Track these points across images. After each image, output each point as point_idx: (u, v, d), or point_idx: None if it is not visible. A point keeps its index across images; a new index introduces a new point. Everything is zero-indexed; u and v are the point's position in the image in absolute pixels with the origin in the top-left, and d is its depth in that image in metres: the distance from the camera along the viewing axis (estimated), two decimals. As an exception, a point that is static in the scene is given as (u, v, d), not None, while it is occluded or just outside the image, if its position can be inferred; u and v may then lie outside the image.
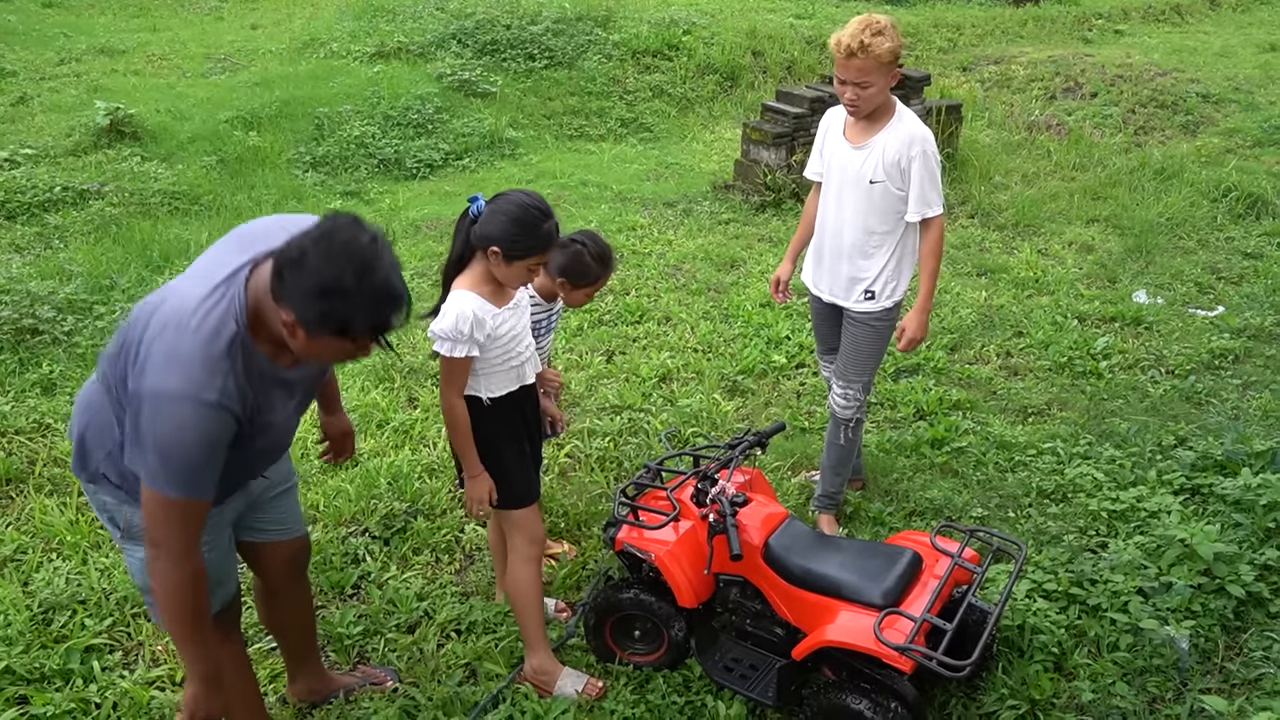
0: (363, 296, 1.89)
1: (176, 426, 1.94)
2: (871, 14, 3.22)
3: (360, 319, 1.91)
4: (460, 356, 2.69)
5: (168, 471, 1.97)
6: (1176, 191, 7.65)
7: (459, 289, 2.72)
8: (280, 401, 2.17)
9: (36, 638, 3.15)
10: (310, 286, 1.88)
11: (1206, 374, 5.05)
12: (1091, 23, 13.83)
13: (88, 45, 11.38)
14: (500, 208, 2.65)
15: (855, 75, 3.17)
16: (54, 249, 6.39)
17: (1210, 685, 2.99)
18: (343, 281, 1.86)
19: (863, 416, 3.70)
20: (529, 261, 2.67)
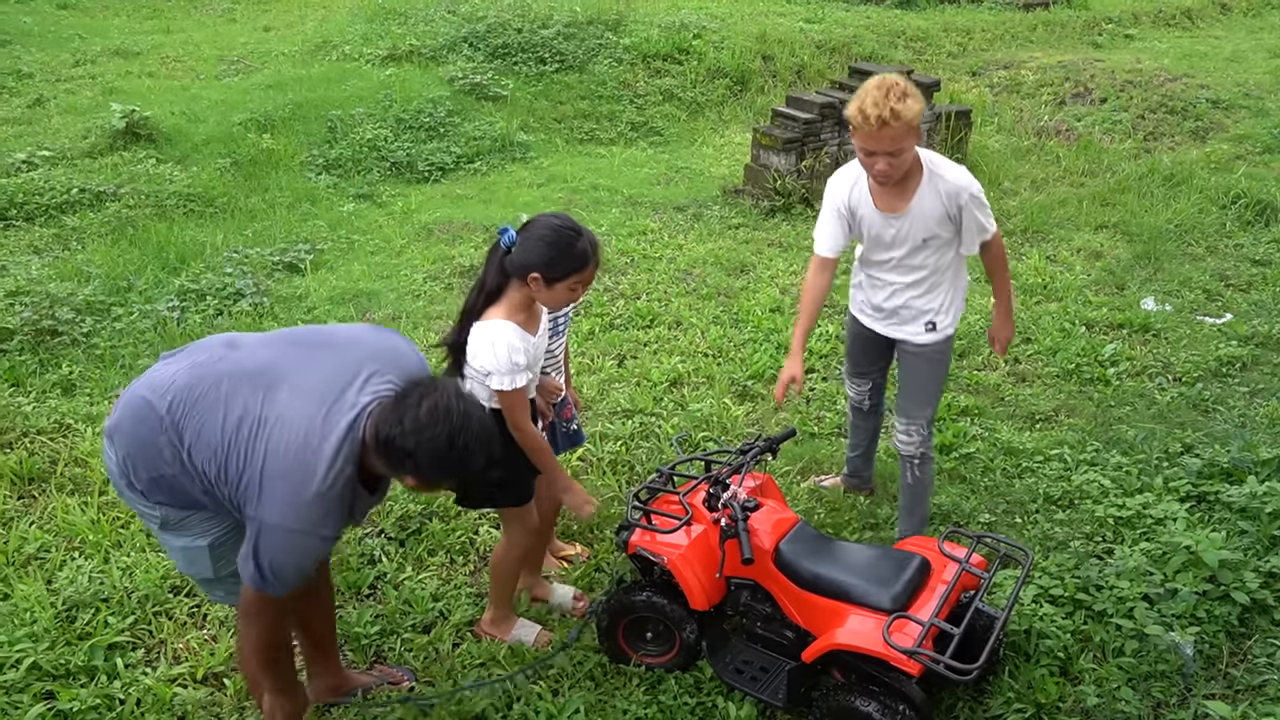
0: (468, 448, 2.25)
1: (298, 556, 2.30)
2: (885, 76, 3.04)
3: (466, 469, 2.29)
4: (521, 386, 2.81)
5: (279, 582, 2.32)
6: (1185, 198, 7.67)
7: (494, 319, 2.81)
8: (371, 506, 2.53)
9: (61, 635, 3.21)
10: (435, 453, 2.23)
11: (1214, 381, 5.08)
12: (1101, 27, 13.85)
13: (102, 47, 11.48)
14: (534, 234, 2.75)
15: (889, 145, 2.98)
16: (72, 250, 6.47)
17: (1215, 691, 3.03)
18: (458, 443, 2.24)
19: (929, 452, 3.59)
20: (569, 282, 2.79)
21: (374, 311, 5.82)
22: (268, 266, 6.33)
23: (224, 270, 6.11)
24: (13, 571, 3.52)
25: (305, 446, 2.23)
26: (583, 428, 3.69)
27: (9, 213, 6.89)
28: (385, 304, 5.92)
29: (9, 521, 3.81)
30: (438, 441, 2.20)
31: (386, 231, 7.18)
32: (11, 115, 9.09)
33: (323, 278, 6.29)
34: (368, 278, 6.31)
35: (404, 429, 2.20)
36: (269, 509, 2.23)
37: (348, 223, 7.32)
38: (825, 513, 3.95)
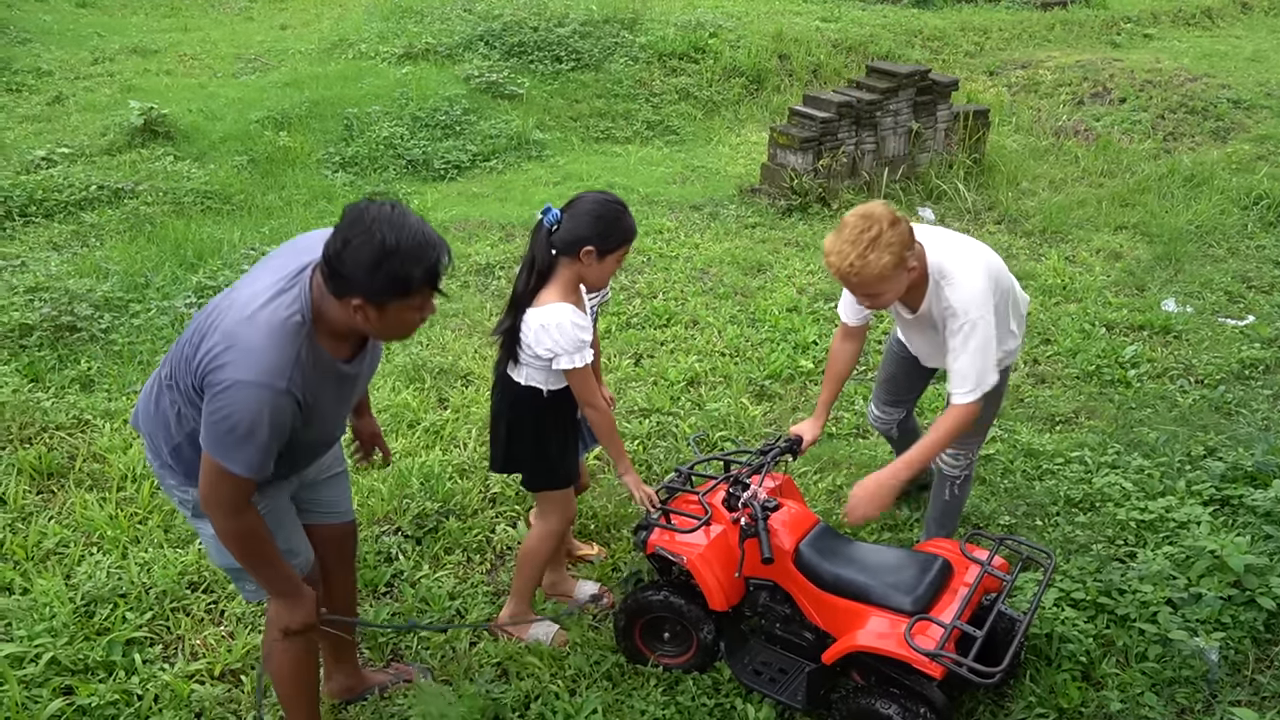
0: (409, 250, 2.08)
1: (252, 412, 2.11)
2: (867, 212, 2.72)
3: (416, 271, 2.10)
4: (586, 364, 2.84)
5: (238, 449, 2.15)
6: (1206, 199, 7.60)
7: (550, 302, 2.83)
8: (333, 394, 2.33)
9: (80, 630, 3.22)
10: (364, 262, 2.07)
11: (1236, 384, 5.02)
12: (1120, 26, 13.74)
13: (121, 45, 11.54)
14: (581, 209, 2.82)
15: (861, 291, 2.80)
16: (90, 247, 6.50)
17: (1240, 698, 2.99)
18: (387, 244, 2.06)
19: (972, 474, 3.48)
20: (619, 253, 2.86)
21: (390, 309, 5.82)
22: (284, 264, 6.34)
23: (241, 267, 6.11)
24: (32, 566, 3.53)
25: (252, 304, 2.17)
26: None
27: (29, 209, 6.93)
28: (401, 302, 5.91)
29: (28, 516, 3.83)
30: (368, 244, 2.06)
31: (402, 229, 7.18)
32: (31, 113, 9.15)
33: (339, 275, 6.29)
34: (384, 275, 6.30)
35: (335, 245, 2.10)
36: (226, 370, 2.12)
37: (364, 220, 7.32)
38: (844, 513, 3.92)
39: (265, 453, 2.18)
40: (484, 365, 5.04)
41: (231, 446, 2.15)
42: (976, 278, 2.84)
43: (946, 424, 2.89)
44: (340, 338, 2.26)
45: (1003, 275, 3.06)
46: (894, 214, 2.73)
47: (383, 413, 4.58)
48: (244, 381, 2.11)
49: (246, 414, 2.11)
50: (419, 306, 2.20)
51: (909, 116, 7.92)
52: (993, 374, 2.85)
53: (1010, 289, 3.13)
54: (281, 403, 2.14)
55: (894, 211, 2.75)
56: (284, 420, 2.17)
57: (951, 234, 3.07)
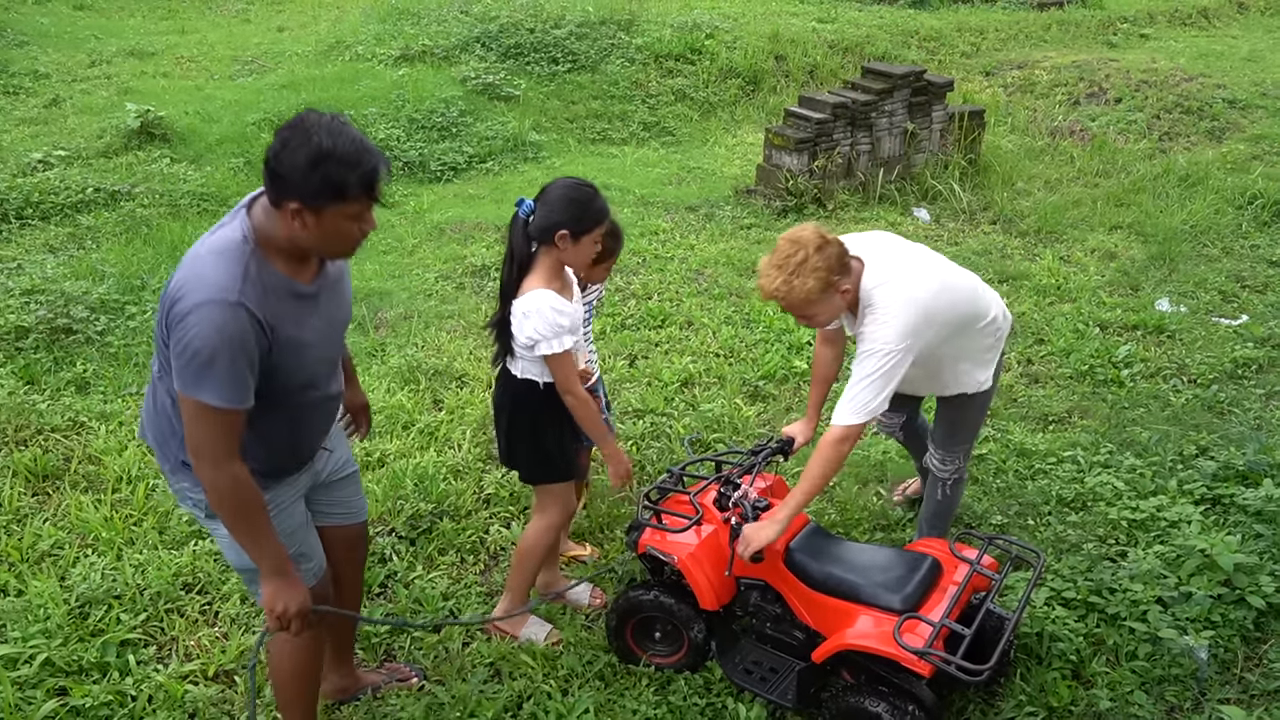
0: (345, 154, 2.07)
1: (208, 330, 2.07)
2: (795, 236, 2.75)
3: (352, 176, 2.09)
4: (566, 349, 2.86)
5: (205, 376, 2.09)
6: (1201, 198, 7.61)
7: (531, 289, 2.86)
8: (305, 316, 2.28)
9: (74, 631, 3.23)
10: (301, 164, 2.06)
11: (1229, 383, 5.04)
12: (1116, 27, 13.76)
13: (118, 47, 11.55)
14: (553, 195, 2.85)
15: (792, 313, 2.87)
16: (86, 249, 6.51)
17: (1229, 696, 3.01)
18: (323, 147, 2.06)
19: (964, 475, 3.46)
20: (594, 235, 2.87)
21: (386, 310, 5.83)
22: (280, 266, 6.35)
23: (237, 269, 6.12)
24: (26, 568, 3.54)
25: (195, 246, 2.20)
26: (612, 419, 3.69)
27: (25, 212, 6.94)
28: (397, 303, 5.93)
29: (23, 518, 3.84)
30: (304, 146, 2.05)
31: (399, 231, 7.20)
32: (28, 115, 9.16)
33: (335, 277, 6.30)
34: (379, 277, 6.32)
35: (274, 148, 2.10)
36: (180, 304, 2.10)
37: (360, 222, 7.34)
38: (836, 513, 3.94)
39: (234, 376, 2.11)
40: (479, 366, 5.05)
41: (198, 374, 2.09)
42: (899, 318, 2.77)
43: (820, 449, 2.84)
44: (292, 258, 2.23)
45: (952, 309, 2.93)
46: (823, 238, 2.74)
47: (378, 414, 4.59)
48: (197, 303, 2.08)
49: (203, 334, 2.07)
50: (356, 215, 2.16)
51: (904, 117, 7.93)
52: (881, 404, 2.80)
53: (965, 322, 3.01)
54: (236, 316, 2.09)
55: (824, 235, 2.76)
56: (244, 337, 2.11)
57: (903, 256, 2.96)
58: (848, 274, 2.81)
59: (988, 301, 3.12)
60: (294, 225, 2.13)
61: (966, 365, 3.13)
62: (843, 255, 2.79)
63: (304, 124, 2.08)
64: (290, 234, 2.16)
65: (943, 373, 3.16)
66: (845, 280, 2.80)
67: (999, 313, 3.17)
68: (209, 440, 2.17)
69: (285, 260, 2.22)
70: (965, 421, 3.33)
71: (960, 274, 3.11)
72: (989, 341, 3.14)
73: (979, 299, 3.08)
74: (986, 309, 3.09)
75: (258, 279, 2.15)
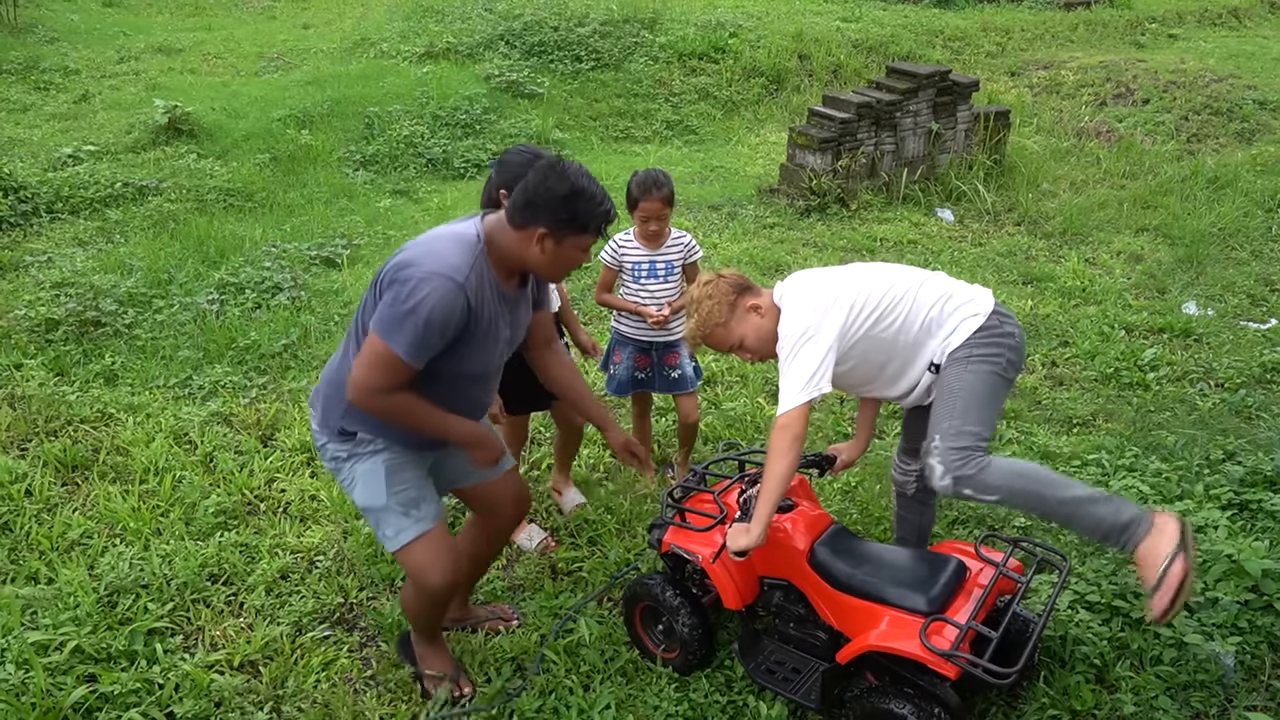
0: (593, 195, 2.49)
1: (429, 293, 2.40)
2: (700, 284, 2.89)
3: (596, 213, 2.50)
4: None
5: (407, 330, 2.42)
6: (1230, 201, 7.53)
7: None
8: (501, 319, 2.63)
9: (103, 619, 3.27)
10: (560, 196, 2.45)
11: (1257, 388, 4.98)
12: (1145, 27, 13.63)
13: (146, 44, 11.68)
14: (503, 161, 3.19)
15: (729, 352, 2.98)
16: (115, 244, 6.59)
17: (1256, 703, 2.97)
18: (579, 186, 2.46)
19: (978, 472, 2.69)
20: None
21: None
22: (305, 261, 6.41)
23: (262, 264, 6.19)
24: (56, 557, 3.59)
25: (434, 233, 2.57)
26: (700, 376, 4.09)
27: (55, 206, 7.03)
28: (420, 299, 5.96)
29: (53, 508, 3.89)
30: (565, 182, 2.44)
31: (423, 227, 7.24)
32: (59, 110, 9.28)
33: (359, 273, 6.35)
34: (403, 273, 6.36)
35: (533, 180, 2.46)
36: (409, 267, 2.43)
37: (384, 218, 7.39)
38: (858, 513, 3.93)
39: (427, 340, 2.43)
40: (501, 363, 5.08)
41: (401, 324, 2.40)
42: (800, 306, 2.77)
43: (772, 439, 2.73)
44: (506, 270, 2.58)
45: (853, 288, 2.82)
46: (708, 278, 2.90)
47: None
48: (429, 271, 2.41)
49: (422, 294, 2.39)
50: (585, 248, 2.54)
51: (929, 117, 7.90)
52: (814, 381, 2.67)
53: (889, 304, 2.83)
54: (455, 294, 2.42)
55: (710, 276, 2.91)
56: (452, 314, 2.44)
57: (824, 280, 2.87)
58: (752, 293, 2.89)
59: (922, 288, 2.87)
60: (533, 248, 2.50)
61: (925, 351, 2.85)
62: (737, 282, 2.89)
63: (563, 167, 2.47)
64: (523, 253, 2.52)
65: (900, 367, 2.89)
66: (750, 297, 2.87)
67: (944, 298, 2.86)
68: (380, 379, 2.48)
69: (499, 267, 2.57)
70: (956, 390, 2.76)
71: (887, 270, 2.95)
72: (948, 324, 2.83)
73: (902, 284, 2.88)
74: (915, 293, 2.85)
75: (481, 272, 2.50)
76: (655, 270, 3.78)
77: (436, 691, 3.01)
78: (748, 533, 2.76)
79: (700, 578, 3.10)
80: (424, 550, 2.75)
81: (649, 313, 3.75)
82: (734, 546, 2.78)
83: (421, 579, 2.78)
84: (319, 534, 3.78)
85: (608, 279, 3.83)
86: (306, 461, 4.28)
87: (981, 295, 2.93)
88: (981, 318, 2.84)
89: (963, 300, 2.89)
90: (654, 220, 3.67)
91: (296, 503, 3.98)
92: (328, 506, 3.94)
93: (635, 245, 3.76)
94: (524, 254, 2.52)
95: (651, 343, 3.89)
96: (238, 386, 4.88)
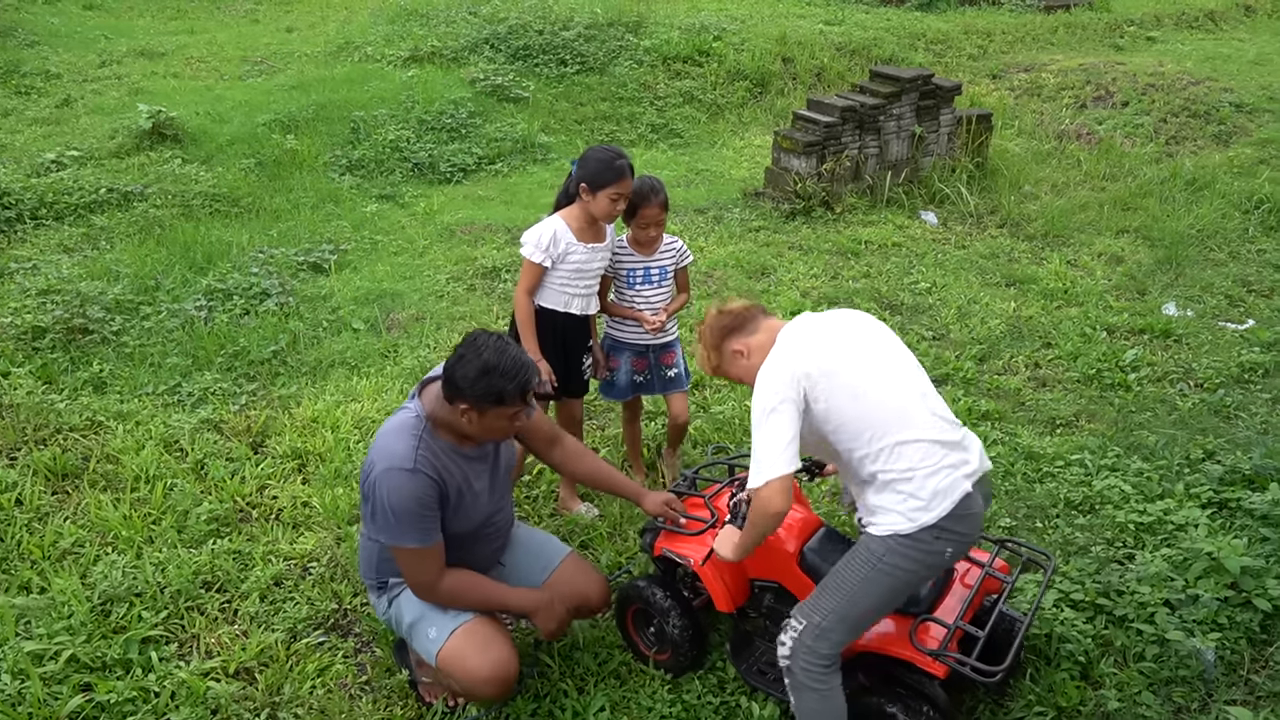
0: (505, 369, 2.63)
1: (390, 492, 2.67)
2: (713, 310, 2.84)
3: (510, 386, 2.65)
4: (534, 261, 3.54)
5: (400, 528, 2.70)
6: (1208, 203, 7.65)
7: (557, 215, 3.61)
8: (471, 476, 2.84)
9: (97, 628, 3.28)
10: (471, 374, 2.62)
11: (1236, 388, 5.07)
12: (1124, 30, 13.77)
13: (128, 48, 11.61)
14: (585, 155, 3.53)
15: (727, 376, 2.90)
16: (101, 250, 6.57)
17: (1235, 697, 3.04)
18: (489, 364, 2.62)
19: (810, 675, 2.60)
20: (608, 191, 3.47)
21: (398, 311, 5.88)
22: (293, 266, 6.41)
23: (250, 270, 6.19)
24: (49, 566, 3.59)
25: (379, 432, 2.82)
26: (689, 377, 4.23)
27: (39, 212, 7.00)
28: (409, 305, 5.98)
29: (44, 516, 3.89)
30: (475, 361, 2.61)
31: (409, 232, 7.25)
32: (41, 115, 9.23)
33: (347, 278, 6.36)
34: (391, 278, 6.38)
35: (451, 361, 2.66)
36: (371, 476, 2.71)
37: (371, 223, 7.39)
38: (847, 515, 3.97)
39: (419, 522, 2.69)
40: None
41: (387, 523, 2.69)
42: (765, 372, 2.60)
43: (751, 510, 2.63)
44: (457, 435, 2.78)
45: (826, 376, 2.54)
46: (718, 311, 2.81)
47: (390, 414, 4.63)
48: (381, 471, 2.68)
49: (383, 494, 2.66)
50: (512, 416, 2.71)
51: (912, 120, 7.97)
52: (776, 462, 2.47)
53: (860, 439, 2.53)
54: (409, 479, 2.66)
55: (721, 309, 2.82)
56: (419, 493, 2.68)
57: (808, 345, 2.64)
58: (740, 334, 2.76)
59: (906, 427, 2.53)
60: (462, 420, 2.69)
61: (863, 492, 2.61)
62: (726, 324, 2.78)
63: (476, 343, 2.66)
64: (457, 422, 2.71)
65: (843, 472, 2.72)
66: (737, 339, 2.75)
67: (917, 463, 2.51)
68: (422, 573, 2.79)
69: (450, 435, 2.77)
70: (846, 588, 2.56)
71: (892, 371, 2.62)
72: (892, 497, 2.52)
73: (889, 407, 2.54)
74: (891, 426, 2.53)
75: (430, 446, 2.72)
76: (650, 276, 3.86)
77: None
78: (734, 547, 2.80)
79: (692, 580, 3.14)
80: (464, 640, 2.81)
81: (646, 318, 3.82)
82: (721, 553, 2.83)
83: (466, 676, 2.79)
84: (312, 540, 3.79)
85: (605, 283, 3.89)
86: (298, 468, 4.29)
87: (953, 479, 2.52)
88: (929, 516, 2.48)
89: (932, 470, 2.50)
90: (653, 226, 3.75)
91: (289, 509, 3.99)
92: (320, 513, 3.96)
93: (629, 252, 3.82)
94: (458, 424, 2.72)
95: (648, 346, 3.95)
96: (227, 393, 4.89)
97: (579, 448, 3.21)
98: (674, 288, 3.94)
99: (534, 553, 3.16)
